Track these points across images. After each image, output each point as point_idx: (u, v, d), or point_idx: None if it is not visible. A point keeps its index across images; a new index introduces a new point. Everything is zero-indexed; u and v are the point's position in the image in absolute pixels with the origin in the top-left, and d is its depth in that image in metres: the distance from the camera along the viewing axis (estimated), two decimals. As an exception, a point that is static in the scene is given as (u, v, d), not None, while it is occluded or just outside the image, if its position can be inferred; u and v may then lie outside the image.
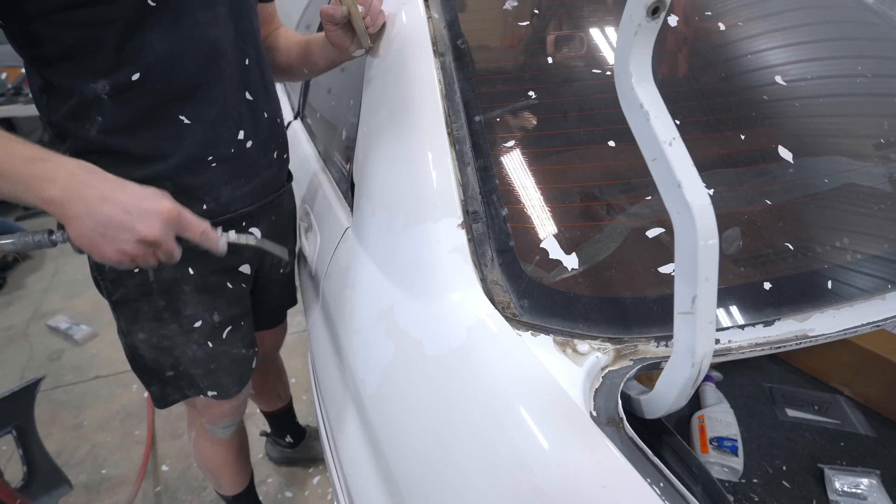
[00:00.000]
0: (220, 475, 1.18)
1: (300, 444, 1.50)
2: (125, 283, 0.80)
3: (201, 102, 0.73)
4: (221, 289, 0.87)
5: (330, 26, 0.77)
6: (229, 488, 1.21)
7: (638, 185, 0.65)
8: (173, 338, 0.84)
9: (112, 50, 0.65)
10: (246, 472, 1.24)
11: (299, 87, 1.73)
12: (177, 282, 0.81)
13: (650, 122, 0.39)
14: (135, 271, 0.79)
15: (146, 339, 0.84)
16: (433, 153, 0.68)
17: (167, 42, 0.68)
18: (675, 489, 0.41)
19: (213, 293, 0.86)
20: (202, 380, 0.90)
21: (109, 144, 0.71)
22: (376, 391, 0.63)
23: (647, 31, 0.37)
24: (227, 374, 0.91)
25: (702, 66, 0.83)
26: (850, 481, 0.82)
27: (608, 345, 0.53)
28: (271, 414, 1.46)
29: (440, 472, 0.51)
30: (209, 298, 0.85)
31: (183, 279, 0.82)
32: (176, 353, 0.86)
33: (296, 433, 1.50)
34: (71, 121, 0.70)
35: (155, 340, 0.84)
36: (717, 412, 0.93)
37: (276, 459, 1.54)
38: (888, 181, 0.70)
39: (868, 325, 0.55)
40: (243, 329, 0.93)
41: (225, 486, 1.21)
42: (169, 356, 0.86)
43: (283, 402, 1.44)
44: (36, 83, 0.71)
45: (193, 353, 0.86)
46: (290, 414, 1.49)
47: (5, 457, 1.61)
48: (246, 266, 0.91)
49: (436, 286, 0.61)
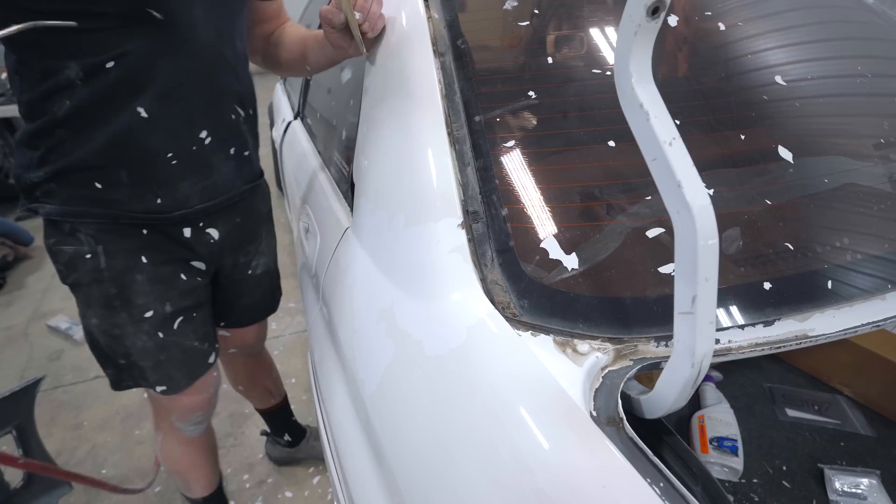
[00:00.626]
0: (189, 476, 1.17)
1: (300, 443, 1.50)
2: (77, 267, 0.81)
3: (167, 98, 0.74)
4: (174, 280, 0.87)
5: (328, 28, 0.77)
6: (199, 490, 1.20)
7: (638, 185, 0.65)
8: (123, 326, 0.85)
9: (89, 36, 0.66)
10: (216, 473, 1.23)
11: (299, 87, 1.73)
12: (129, 270, 0.82)
13: (650, 122, 0.39)
14: (87, 256, 0.80)
15: (99, 325, 0.85)
16: (433, 153, 0.68)
17: (145, 36, 0.69)
18: (675, 489, 0.41)
19: (165, 283, 0.86)
20: (151, 373, 0.89)
21: (77, 126, 0.72)
22: (376, 391, 0.63)
23: (647, 31, 0.37)
24: (177, 366, 0.91)
25: (702, 66, 0.83)
26: (850, 481, 0.82)
27: (608, 345, 0.53)
28: (266, 412, 1.45)
29: (440, 472, 0.51)
30: (161, 289, 0.85)
31: (136, 268, 0.82)
32: (126, 342, 0.86)
33: (294, 432, 1.49)
34: (42, 101, 0.71)
35: (106, 327, 0.85)
36: (717, 412, 0.93)
37: (276, 459, 1.53)
38: (888, 181, 0.70)
39: (868, 325, 0.55)
40: (196, 321, 0.93)
41: (195, 487, 1.19)
42: (120, 345, 0.86)
43: (276, 398, 1.43)
44: (11, 61, 0.71)
45: (143, 344, 0.86)
46: (285, 411, 1.48)
47: (5, 457, 1.61)
48: (199, 262, 0.91)
49: (436, 286, 0.61)
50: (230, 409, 1.72)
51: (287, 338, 2.05)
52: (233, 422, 1.67)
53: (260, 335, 1.24)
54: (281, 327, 2.11)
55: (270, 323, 2.11)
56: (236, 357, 1.24)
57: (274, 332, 2.07)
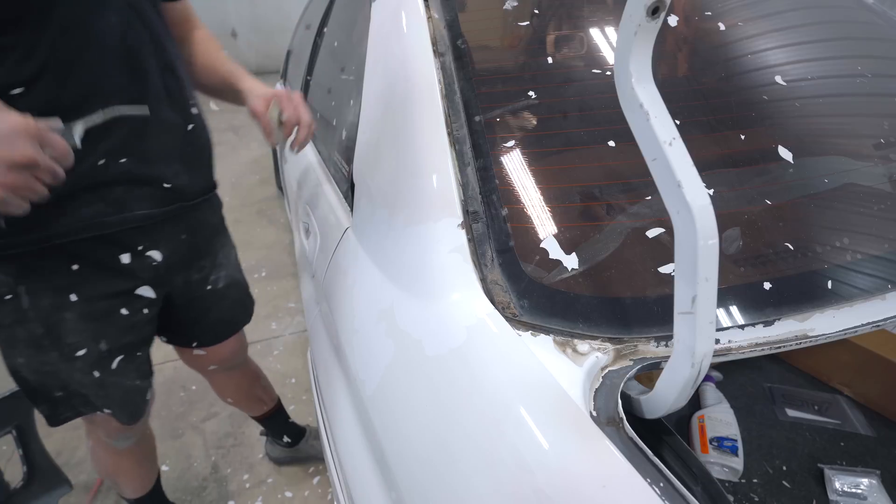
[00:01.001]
0: (119, 481, 1.14)
1: (300, 442, 1.50)
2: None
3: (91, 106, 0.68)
4: (111, 316, 0.80)
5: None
6: (130, 492, 1.17)
7: (638, 185, 0.65)
8: (55, 364, 0.79)
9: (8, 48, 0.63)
10: (149, 476, 1.20)
11: (299, 87, 1.73)
12: (56, 309, 0.75)
13: (650, 122, 0.39)
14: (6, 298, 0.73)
15: (27, 364, 0.79)
16: (433, 153, 0.68)
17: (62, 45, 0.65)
18: (675, 489, 0.41)
19: (100, 321, 0.79)
20: (95, 399, 0.85)
21: None
22: (376, 391, 0.63)
23: (647, 31, 0.37)
24: (118, 405, 0.87)
25: (702, 66, 0.83)
26: (850, 481, 0.82)
27: (608, 345, 0.53)
28: (262, 418, 1.41)
29: (440, 472, 0.51)
30: (96, 326, 0.79)
31: (63, 306, 0.76)
32: (62, 376, 0.81)
33: (293, 433, 1.48)
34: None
35: (35, 366, 0.79)
36: (717, 412, 0.93)
37: (276, 459, 1.52)
38: (888, 181, 0.70)
39: (868, 325, 0.55)
40: (139, 360, 0.87)
41: (126, 490, 1.17)
42: (55, 379, 0.81)
43: (269, 405, 1.38)
44: None
45: (80, 380, 0.81)
46: (281, 415, 1.45)
47: (5, 457, 1.61)
48: (146, 289, 0.83)
49: (436, 286, 0.61)
50: (230, 409, 1.72)
51: (287, 338, 2.05)
52: (233, 422, 1.67)
53: (238, 348, 1.16)
54: (281, 327, 2.11)
55: (270, 323, 2.13)
56: (218, 373, 1.18)
57: (274, 332, 2.07)
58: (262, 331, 2.08)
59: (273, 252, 2.59)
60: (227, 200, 0.99)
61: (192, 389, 1.80)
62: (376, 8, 0.92)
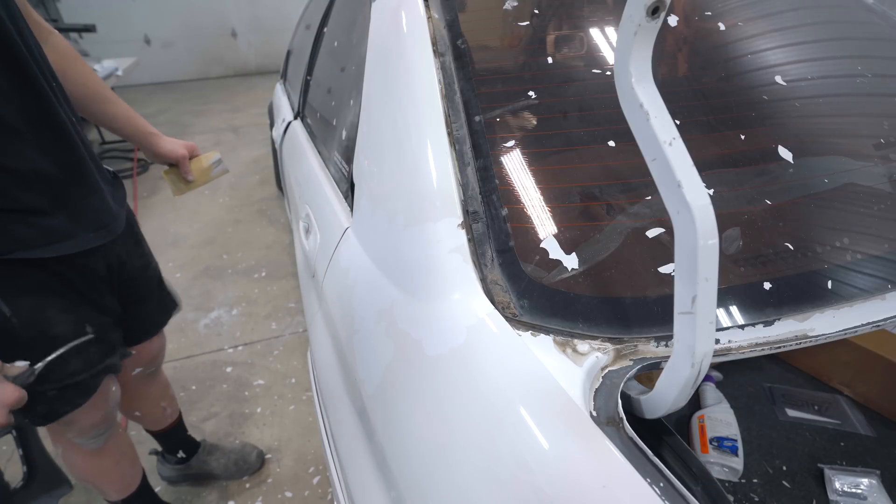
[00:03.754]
0: (100, 484, 1.12)
1: (192, 458, 1.44)
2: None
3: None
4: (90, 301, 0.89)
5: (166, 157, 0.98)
6: (114, 494, 1.15)
7: (638, 185, 0.65)
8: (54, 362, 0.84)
9: None
10: (132, 474, 1.18)
11: (299, 87, 1.73)
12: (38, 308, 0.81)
13: (650, 122, 0.39)
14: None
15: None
16: (433, 153, 0.68)
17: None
18: (675, 489, 0.41)
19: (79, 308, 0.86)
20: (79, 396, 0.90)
21: None
22: (376, 391, 0.63)
23: (647, 31, 0.37)
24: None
25: (702, 66, 0.83)
26: (850, 481, 0.82)
27: (608, 345, 0.53)
28: (163, 432, 1.37)
29: (440, 472, 0.51)
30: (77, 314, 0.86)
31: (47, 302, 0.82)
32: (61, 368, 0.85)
33: (188, 447, 1.43)
34: None
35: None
36: (717, 412, 0.93)
37: (169, 478, 1.46)
38: (888, 181, 0.70)
39: (868, 325, 0.55)
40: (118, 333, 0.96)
41: (110, 493, 1.15)
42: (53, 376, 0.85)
43: (172, 417, 1.36)
44: None
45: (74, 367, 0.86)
46: (181, 427, 1.41)
47: (5, 457, 1.61)
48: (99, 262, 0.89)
49: (436, 286, 0.61)
50: (230, 409, 1.72)
51: (287, 338, 2.05)
52: (232, 422, 1.67)
53: (162, 345, 1.21)
54: (281, 327, 2.11)
55: (270, 323, 2.13)
56: (138, 379, 1.18)
57: (274, 332, 2.08)
58: (262, 331, 2.08)
59: (273, 252, 2.60)
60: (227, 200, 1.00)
61: (192, 389, 1.80)
62: (376, 8, 0.92)
